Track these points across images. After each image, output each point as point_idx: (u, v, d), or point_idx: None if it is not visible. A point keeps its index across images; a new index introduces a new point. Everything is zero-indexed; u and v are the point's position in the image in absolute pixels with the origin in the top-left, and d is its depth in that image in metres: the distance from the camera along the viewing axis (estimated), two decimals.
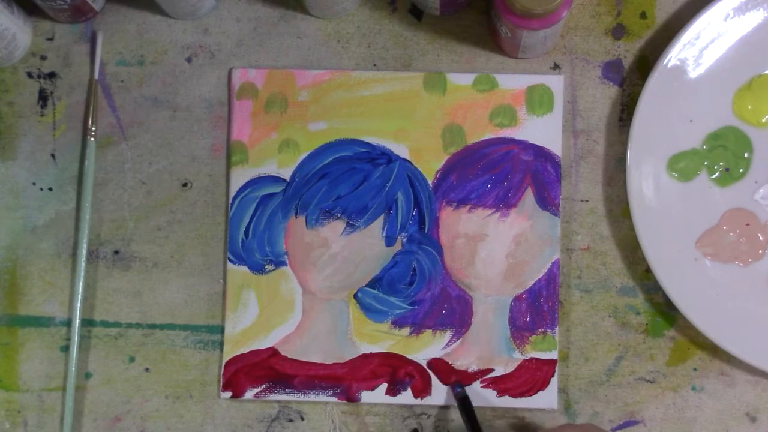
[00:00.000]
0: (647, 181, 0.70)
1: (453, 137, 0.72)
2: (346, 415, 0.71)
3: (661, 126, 0.70)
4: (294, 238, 0.72)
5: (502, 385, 0.70)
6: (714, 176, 0.70)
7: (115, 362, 0.72)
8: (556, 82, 0.72)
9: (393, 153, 0.72)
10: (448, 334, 0.71)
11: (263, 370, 0.71)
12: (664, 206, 0.70)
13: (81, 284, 0.71)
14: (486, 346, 0.71)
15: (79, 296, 0.71)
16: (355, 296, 0.71)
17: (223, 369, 0.71)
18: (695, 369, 0.71)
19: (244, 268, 0.72)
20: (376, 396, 0.71)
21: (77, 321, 0.71)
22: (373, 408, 0.71)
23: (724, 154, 0.70)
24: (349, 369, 0.71)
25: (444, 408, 0.71)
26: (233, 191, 0.72)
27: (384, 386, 0.71)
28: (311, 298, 0.71)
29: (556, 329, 0.70)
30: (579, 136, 0.72)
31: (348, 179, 0.72)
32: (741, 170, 0.70)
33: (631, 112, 0.72)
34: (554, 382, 0.70)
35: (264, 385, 0.71)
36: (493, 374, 0.70)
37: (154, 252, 0.72)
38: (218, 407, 0.71)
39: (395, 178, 0.71)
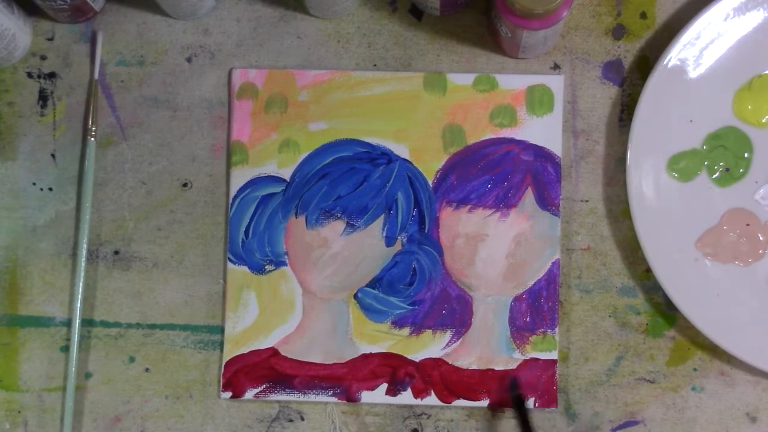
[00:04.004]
0: (647, 181, 0.70)
1: (453, 137, 0.72)
2: (346, 415, 0.71)
3: (661, 126, 0.70)
4: (294, 238, 0.72)
5: (502, 385, 0.70)
6: (714, 176, 0.70)
7: (115, 362, 0.72)
8: (556, 82, 0.72)
9: (393, 153, 0.72)
10: (448, 334, 0.71)
11: (263, 370, 0.71)
12: (664, 206, 0.70)
13: (81, 284, 0.71)
14: (486, 346, 0.71)
15: (79, 296, 0.71)
16: (355, 296, 0.71)
17: (223, 369, 0.71)
18: (695, 369, 0.71)
19: (244, 268, 0.72)
20: (376, 396, 0.71)
21: (77, 321, 0.71)
22: (373, 408, 0.71)
23: (724, 154, 0.70)
24: (349, 369, 0.71)
25: (444, 408, 0.71)
26: (233, 191, 0.72)
27: (384, 386, 0.71)
28: (311, 298, 0.71)
29: (556, 329, 0.70)
30: (579, 136, 0.72)
31: (348, 179, 0.72)
32: (741, 170, 0.70)
33: (631, 112, 0.72)
34: (554, 382, 0.70)
35: (264, 385, 0.71)
36: (492, 374, 0.70)
37: (154, 252, 0.72)
38: (218, 407, 0.71)
39: (395, 178, 0.71)
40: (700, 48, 0.70)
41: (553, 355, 0.70)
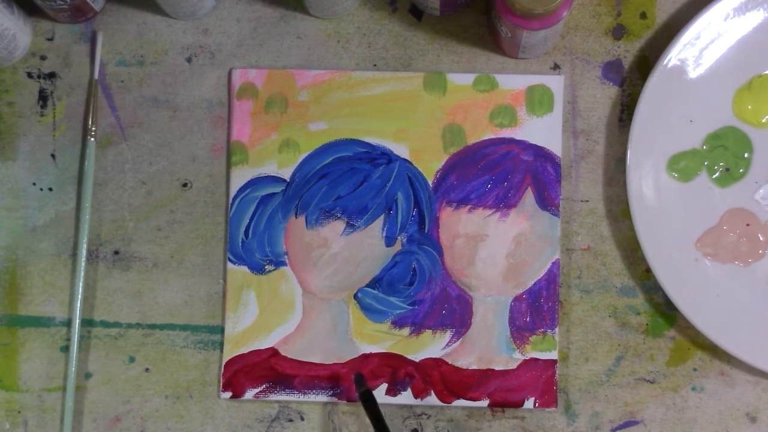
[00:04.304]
0: (647, 181, 0.70)
1: (453, 137, 0.72)
2: (346, 415, 0.71)
3: (661, 126, 0.70)
4: (294, 238, 0.72)
5: (502, 385, 0.70)
6: (714, 176, 0.70)
7: (115, 362, 0.72)
8: (556, 82, 0.72)
9: (393, 153, 0.72)
10: (448, 335, 0.71)
11: (263, 371, 0.71)
12: (664, 206, 0.70)
13: (81, 284, 0.71)
14: (486, 346, 0.71)
15: (79, 296, 0.71)
16: (355, 296, 0.71)
17: (223, 369, 0.71)
18: (695, 369, 0.71)
19: (244, 268, 0.72)
20: (376, 396, 0.70)
21: (77, 321, 0.71)
22: None
23: (724, 154, 0.70)
24: (349, 369, 0.71)
25: (444, 408, 0.71)
26: (233, 191, 0.72)
27: (384, 386, 0.71)
28: (311, 299, 0.71)
29: (556, 329, 0.70)
30: (579, 136, 0.72)
31: (348, 179, 0.72)
32: (741, 170, 0.70)
33: (631, 112, 0.72)
34: (554, 382, 0.70)
35: (264, 386, 0.71)
36: (492, 374, 0.70)
37: (154, 252, 0.72)
38: (218, 407, 0.71)
39: (395, 179, 0.71)
40: (700, 48, 0.70)
41: (553, 355, 0.70)
